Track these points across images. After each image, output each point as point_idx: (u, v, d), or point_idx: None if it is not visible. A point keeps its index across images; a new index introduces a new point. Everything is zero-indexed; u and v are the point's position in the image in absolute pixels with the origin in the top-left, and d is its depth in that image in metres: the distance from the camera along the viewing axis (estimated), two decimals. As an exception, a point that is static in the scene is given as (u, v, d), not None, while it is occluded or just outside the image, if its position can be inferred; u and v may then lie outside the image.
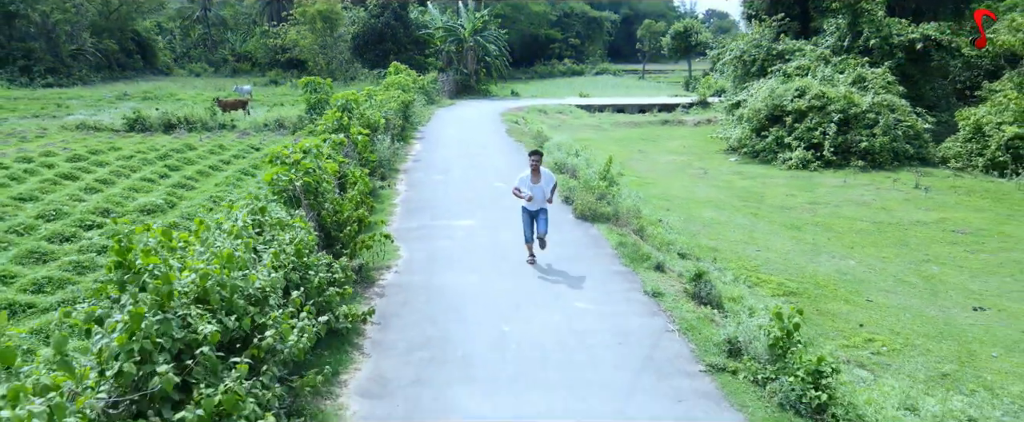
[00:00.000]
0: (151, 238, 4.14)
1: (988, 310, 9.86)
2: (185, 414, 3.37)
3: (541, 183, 8.86)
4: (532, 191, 8.77)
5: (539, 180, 8.86)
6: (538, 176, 8.87)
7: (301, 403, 5.21)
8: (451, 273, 8.72)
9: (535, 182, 8.83)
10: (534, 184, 8.82)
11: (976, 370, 7.87)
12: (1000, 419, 6.35)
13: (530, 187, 8.79)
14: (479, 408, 5.48)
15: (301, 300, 5.29)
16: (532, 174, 8.86)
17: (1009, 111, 19.66)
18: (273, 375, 4.38)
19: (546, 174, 8.97)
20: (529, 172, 8.90)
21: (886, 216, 15.40)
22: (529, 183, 8.81)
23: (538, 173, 8.88)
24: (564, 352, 6.54)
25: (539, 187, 8.84)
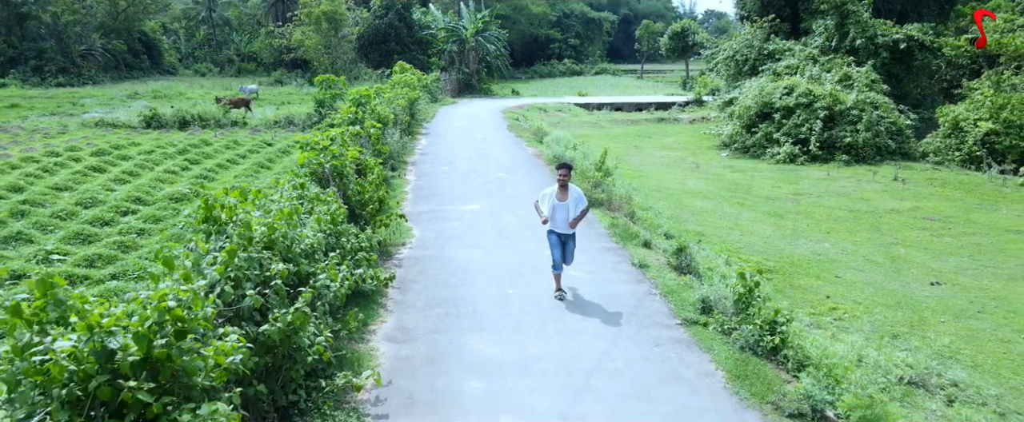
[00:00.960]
0: (232, 198, 5.19)
1: (944, 285, 10.90)
2: (267, 327, 4.43)
3: (568, 202, 7.57)
4: (553, 211, 7.56)
5: (566, 198, 7.59)
6: (566, 193, 7.60)
7: (341, 345, 6.28)
8: (460, 248, 9.78)
9: (561, 199, 7.58)
10: (559, 202, 7.56)
11: (923, 332, 8.91)
12: (928, 361, 7.39)
13: (553, 206, 7.56)
14: (488, 350, 6.54)
15: (338, 259, 6.34)
16: (559, 190, 7.64)
17: (985, 108, 20.71)
18: (324, 310, 5.43)
19: (576, 193, 7.66)
20: (555, 187, 7.68)
21: (863, 205, 16.45)
22: (554, 200, 7.57)
23: (566, 190, 7.61)
24: (559, 309, 7.60)
25: (564, 206, 7.54)
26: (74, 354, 2.97)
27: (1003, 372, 7.79)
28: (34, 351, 2.99)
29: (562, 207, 7.57)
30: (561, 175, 7.70)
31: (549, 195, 7.70)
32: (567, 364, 6.27)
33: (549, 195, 7.70)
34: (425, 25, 47.22)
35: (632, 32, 78.46)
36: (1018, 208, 15.84)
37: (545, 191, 7.85)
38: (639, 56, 74.40)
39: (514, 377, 5.99)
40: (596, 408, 5.49)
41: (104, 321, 3.02)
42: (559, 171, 7.77)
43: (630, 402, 5.60)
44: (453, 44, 43.99)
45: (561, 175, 7.70)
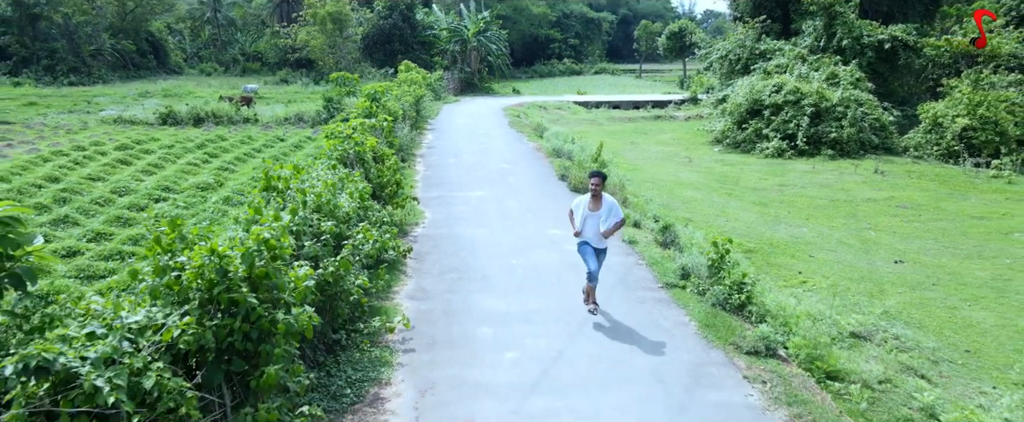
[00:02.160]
0: (286, 170, 6.30)
1: (906, 263, 12.01)
2: (321, 271, 5.54)
3: (600, 212, 7.14)
4: (585, 222, 7.16)
5: (599, 207, 7.16)
6: (598, 203, 7.18)
7: (371, 300, 7.39)
8: (468, 228, 10.90)
9: (593, 209, 7.17)
10: (591, 212, 7.16)
11: (881, 300, 10.02)
12: (878, 320, 8.50)
13: (584, 217, 7.15)
14: (495, 305, 7.65)
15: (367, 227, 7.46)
16: (591, 200, 7.21)
17: (962, 105, 21.81)
18: (360, 265, 6.54)
19: (610, 203, 7.20)
20: (587, 197, 7.25)
21: (843, 195, 17.56)
22: (586, 210, 7.17)
23: (599, 200, 7.19)
24: (556, 276, 8.71)
25: (596, 217, 7.14)
26: (201, 270, 4.08)
27: (945, 331, 8.90)
28: (169, 267, 4.11)
29: (594, 218, 7.14)
30: (593, 184, 7.17)
31: (581, 205, 7.23)
32: (563, 316, 7.39)
33: (581, 205, 7.23)
34: (428, 25, 48.33)
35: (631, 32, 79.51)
36: (986, 197, 16.95)
37: (577, 201, 7.38)
38: (638, 56, 75.46)
39: (518, 325, 7.11)
40: (587, 346, 6.61)
41: (221, 247, 4.13)
42: (591, 180, 7.21)
43: (615, 342, 6.71)
44: (455, 44, 45.12)
45: (593, 184, 7.17)
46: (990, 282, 10.94)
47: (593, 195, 7.23)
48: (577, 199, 7.46)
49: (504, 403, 5.57)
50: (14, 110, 30.44)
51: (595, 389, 5.83)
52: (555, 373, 6.10)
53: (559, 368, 6.21)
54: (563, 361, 6.35)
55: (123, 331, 3.66)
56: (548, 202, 11.85)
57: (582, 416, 5.39)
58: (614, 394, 5.74)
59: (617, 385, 5.88)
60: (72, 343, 3.62)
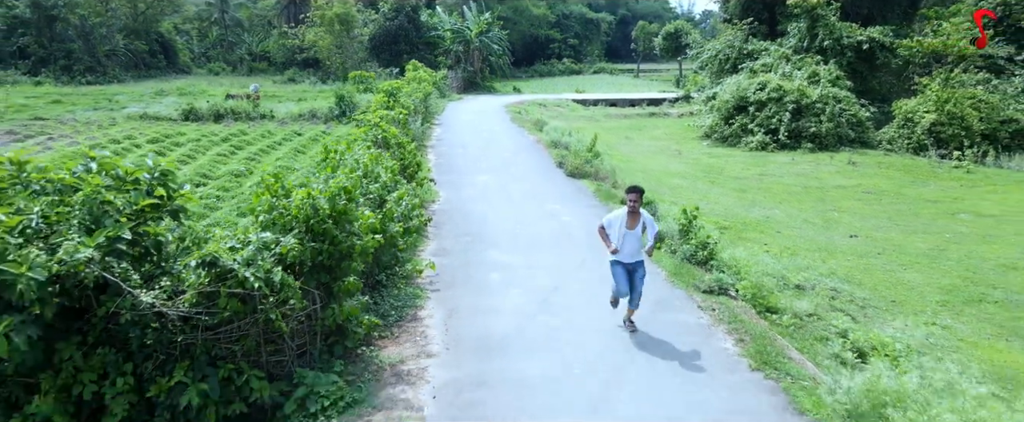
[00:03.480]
0: (341, 145, 8.01)
1: (859, 237, 13.73)
2: (372, 220, 7.25)
3: (637, 230, 6.83)
4: (622, 240, 6.77)
5: (636, 225, 6.82)
6: (636, 219, 6.83)
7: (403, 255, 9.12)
8: (477, 204, 12.63)
9: (631, 227, 6.80)
10: (629, 230, 6.79)
11: (830, 266, 11.73)
12: (821, 277, 10.23)
13: (622, 233, 6.77)
14: (502, 259, 9.38)
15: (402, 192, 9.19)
16: (628, 217, 6.83)
17: (931, 101, 23.52)
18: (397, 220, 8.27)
19: (647, 218, 6.93)
20: (623, 213, 6.87)
21: (815, 182, 19.29)
22: (623, 227, 6.79)
23: (637, 216, 6.84)
24: (554, 239, 10.44)
25: (634, 234, 6.80)
26: (301, 207, 5.80)
27: (879, 287, 10.60)
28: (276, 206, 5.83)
29: (633, 236, 6.80)
30: (631, 200, 6.79)
31: (618, 222, 6.84)
32: (558, 265, 9.13)
33: (618, 222, 6.84)
34: (432, 27, 50.04)
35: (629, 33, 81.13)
36: (944, 184, 18.67)
37: (610, 216, 7.04)
38: (635, 56, 77.15)
39: (521, 271, 8.84)
40: (575, 285, 8.35)
41: (313, 190, 5.85)
42: (629, 196, 6.83)
43: (598, 285, 8.43)
44: (458, 44, 46.87)
45: (631, 200, 6.79)
46: (928, 252, 12.66)
47: (630, 212, 6.79)
48: (608, 215, 7.07)
49: (512, 320, 7.30)
50: (43, 107, 32.14)
51: (583, 311, 7.56)
52: (551, 301, 7.84)
53: (555, 299, 7.94)
54: (557, 294, 8.08)
55: (257, 244, 5.40)
56: (547, 185, 13.60)
57: (575, 326, 7.11)
58: (599, 316, 7.47)
59: (599, 308, 7.61)
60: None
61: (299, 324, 5.81)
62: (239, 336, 5.52)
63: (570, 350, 6.65)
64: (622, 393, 5.87)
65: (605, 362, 6.42)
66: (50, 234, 5.18)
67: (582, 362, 6.41)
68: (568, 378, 6.11)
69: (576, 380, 6.07)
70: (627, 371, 6.25)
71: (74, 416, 5.20)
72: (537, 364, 6.33)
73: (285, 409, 5.54)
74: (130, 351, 5.30)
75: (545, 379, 6.06)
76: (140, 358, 5.33)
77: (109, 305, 5.13)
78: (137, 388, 5.28)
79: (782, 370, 6.29)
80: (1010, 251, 12.49)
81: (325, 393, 5.58)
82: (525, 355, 6.52)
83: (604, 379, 6.10)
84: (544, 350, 6.63)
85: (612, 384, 6.02)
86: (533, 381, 6.02)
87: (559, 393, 5.82)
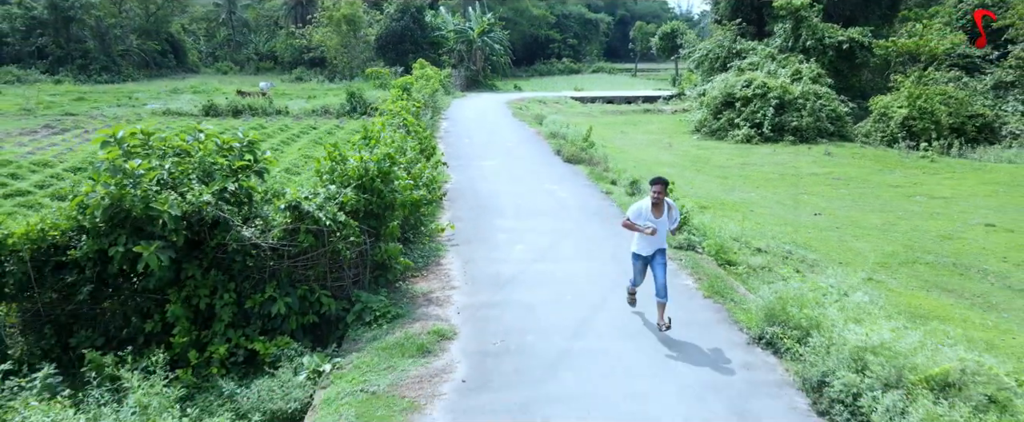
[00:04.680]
0: (377, 125, 9.78)
1: (822, 215, 15.50)
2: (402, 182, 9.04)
3: (663, 218, 6.96)
4: (655, 223, 6.88)
5: (662, 214, 6.95)
6: (661, 210, 6.93)
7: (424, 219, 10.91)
8: (484, 184, 14.41)
9: (656, 216, 6.92)
10: (655, 219, 6.90)
11: (791, 237, 13.50)
12: (779, 243, 12.01)
13: (652, 220, 6.89)
14: (508, 225, 11.17)
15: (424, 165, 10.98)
16: (653, 208, 6.90)
17: (904, 97, 25.29)
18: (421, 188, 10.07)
19: (670, 204, 7.09)
20: (647, 204, 6.95)
21: (792, 171, 21.06)
22: (649, 217, 6.90)
23: (661, 207, 6.93)
24: (551, 210, 12.23)
25: (662, 222, 6.94)
26: (356, 168, 7.58)
27: (830, 253, 12.37)
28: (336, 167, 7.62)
29: (661, 223, 6.94)
30: (655, 193, 6.86)
31: (641, 211, 6.97)
32: (556, 229, 10.92)
33: (641, 211, 6.97)
34: (436, 27, 51.81)
35: (628, 33, 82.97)
36: (908, 172, 20.44)
37: (634, 207, 7.13)
38: (633, 55, 78.94)
39: (523, 233, 10.63)
40: (568, 243, 10.14)
41: (365, 156, 7.63)
42: (653, 188, 6.89)
43: (589, 242, 10.23)
44: (461, 44, 48.65)
45: (655, 193, 6.86)
46: (880, 226, 14.43)
47: (654, 204, 6.87)
48: (633, 206, 7.17)
49: (516, 266, 9.07)
50: (69, 104, 33.93)
51: (575, 261, 9.35)
52: (548, 254, 9.61)
53: (550, 253, 9.72)
54: (553, 250, 9.87)
55: (326, 194, 7.20)
56: (545, 169, 15.39)
57: (569, 272, 8.91)
58: (584, 263, 9.26)
59: (586, 259, 9.39)
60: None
61: (354, 258, 7.60)
62: (312, 264, 7.32)
63: (562, 286, 8.42)
64: (602, 315, 7.64)
65: (590, 294, 8.19)
66: (176, 185, 6.98)
67: (571, 294, 8.18)
68: (560, 304, 7.88)
69: (566, 305, 7.85)
70: (608, 300, 8.02)
71: (193, 321, 6.99)
72: (536, 295, 8.11)
73: (347, 319, 7.33)
74: (232, 274, 7.09)
75: (542, 304, 7.83)
76: (240, 279, 7.12)
77: (220, 238, 6.92)
78: (237, 301, 7.07)
79: (728, 298, 8.07)
80: (950, 225, 14.27)
81: (376, 309, 7.36)
82: (526, 289, 8.30)
83: (589, 304, 7.88)
84: (541, 286, 8.41)
85: (595, 308, 7.79)
86: (532, 305, 7.80)
87: (553, 314, 7.59)
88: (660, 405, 5.67)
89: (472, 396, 5.77)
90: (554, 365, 6.32)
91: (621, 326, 7.30)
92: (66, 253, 6.71)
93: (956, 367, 4.88)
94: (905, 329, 5.70)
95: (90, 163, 17.90)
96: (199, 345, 6.92)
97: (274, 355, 6.76)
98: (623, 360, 6.47)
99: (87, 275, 6.76)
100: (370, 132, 9.48)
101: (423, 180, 10.01)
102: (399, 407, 5.55)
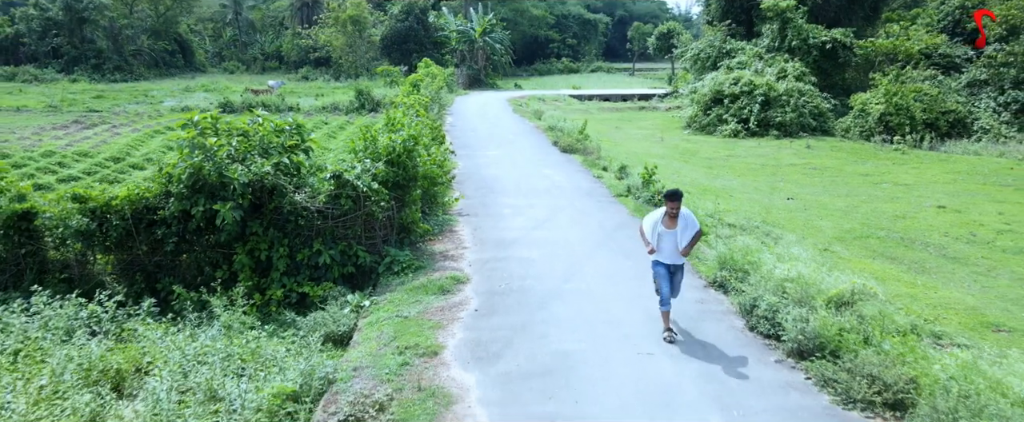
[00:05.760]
0: (398, 114, 11.40)
1: (794, 200, 17.12)
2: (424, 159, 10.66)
3: (676, 229, 6.77)
4: (659, 240, 6.79)
5: (674, 225, 6.77)
6: (675, 221, 6.78)
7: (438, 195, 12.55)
8: (489, 169, 16.05)
9: (669, 227, 6.79)
10: (666, 229, 6.79)
11: (762, 216, 15.10)
12: (750, 221, 13.63)
13: (658, 234, 6.79)
14: (510, 202, 12.81)
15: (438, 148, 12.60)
16: (667, 218, 6.82)
17: (881, 94, 26.91)
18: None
19: (688, 219, 6.86)
20: (662, 214, 6.87)
21: (773, 162, 22.68)
22: (661, 227, 6.80)
23: (675, 220, 6.78)
24: (547, 191, 13.87)
25: (672, 234, 6.77)
26: (387, 146, 9.20)
27: (796, 229, 13.95)
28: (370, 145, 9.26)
29: (670, 235, 6.77)
30: (670, 207, 6.75)
31: (655, 221, 6.88)
32: (552, 205, 12.55)
33: (655, 221, 6.88)
34: (439, 27, 53.44)
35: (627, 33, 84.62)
36: (880, 163, 22.06)
37: (650, 216, 7.07)
38: (631, 55, 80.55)
39: (523, 208, 12.27)
40: (561, 216, 11.78)
41: (393, 137, 9.26)
42: (667, 203, 6.78)
43: (580, 215, 11.85)
44: (464, 44, 50.29)
45: (670, 207, 6.75)
46: (844, 208, 16.05)
47: (670, 217, 6.77)
48: (649, 216, 7.14)
49: (518, 233, 10.71)
50: (91, 101, 35.58)
51: (567, 228, 10.98)
52: (544, 224, 11.25)
53: (546, 223, 11.35)
54: (548, 221, 11.50)
55: (362, 166, 8.84)
56: (543, 157, 17.03)
57: (562, 236, 10.54)
58: (577, 230, 10.90)
59: (577, 227, 11.03)
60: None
61: (384, 220, 9.23)
62: (350, 224, 8.95)
63: (555, 247, 10.05)
64: (588, 266, 9.26)
65: (578, 252, 9.82)
66: (241, 159, 8.61)
67: (563, 252, 9.81)
68: (553, 258, 9.51)
69: (559, 259, 9.48)
70: (593, 255, 9.65)
71: (254, 269, 8.62)
72: (534, 252, 9.74)
73: (379, 269, 8.96)
74: (286, 231, 8.71)
75: (539, 259, 9.46)
76: (292, 236, 8.74)
77: (277, 202, 8.55)
78: (290, 254, 8.69)
79: (693, 256, 9.69)
80: (906, 207, 15.89)
81: (403, 261, 8.99)
82: (526, 248, 9.93)
83: (577, 259, 9.50)
84: (538, 246, 10.04)
85: (582, 261, 9.42)
86: (531, 260, 9.42)
87: (547, 265, 9.21)
88: (630, 326, 7.29)
89: (483, 319, 7.40)
90: (547, 299, 7.95)
91: (602, 274, 8.93)
92: (156, 213, 8.34)
93: (847, 289, 6.51)
94: (819, 267, 7.32)
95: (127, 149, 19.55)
96: (260, 289, 8.55)
97: (321, 297, 8.39)
98: (603, 297, 8.09)
99: (173, 231, 8.39)
100: (392, 119, 11.10)
101: (438, 160, 11.62)
102: (427, 326, 7.18)
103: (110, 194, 8.22)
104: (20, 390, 5.85)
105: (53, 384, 5.97)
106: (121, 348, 6.73)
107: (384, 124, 11.18)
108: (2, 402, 5.64)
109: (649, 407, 5.61)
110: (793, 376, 6.15)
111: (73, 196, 8.16)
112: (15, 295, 7.77)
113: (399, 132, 9.87)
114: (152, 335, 6.91)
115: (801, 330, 6.31)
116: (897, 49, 28.09)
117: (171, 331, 7.04)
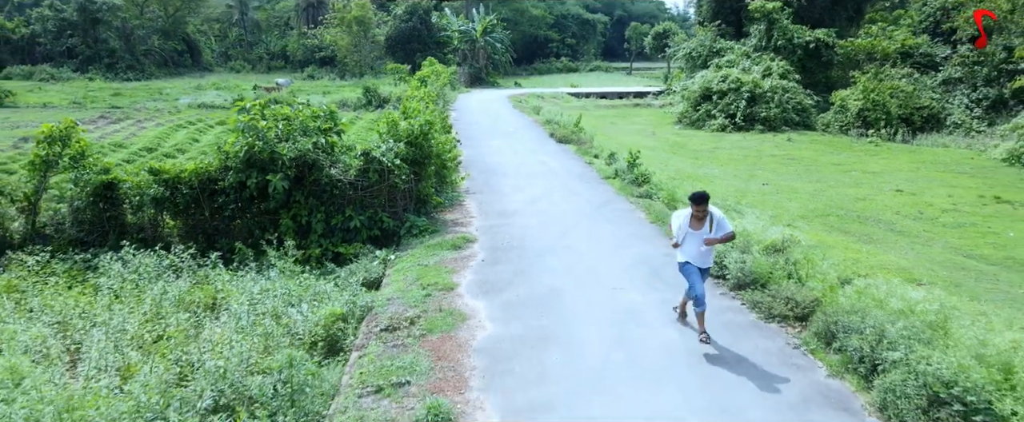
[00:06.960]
0: (414, 104, 13.09)
1: (769, 185, 18.81)
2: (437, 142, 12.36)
3: (703, 230, 6.60)
4: (684, 241, 6.71)
5: (701, 227, 6.61)
6: (702, 223, 6.62)
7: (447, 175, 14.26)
8: (491, 157, 17.76)
9: (695, 228, 6.64)
10: (693, 230, 6.64)
11: (736, 198, 16.77)
12: (725, 202, 15.33)
13: (685, 233, 6.69)
14: (511, 182, 14.52)
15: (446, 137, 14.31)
16: (693, 220, 6.66)
17: (859, 91, 28.60)
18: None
19: (721, 222, 6.68)
20: (689, 214, 6.72)
21: (755, 153, 24.38)
22: (687, 227, 6.68)
23: (701, 223, 6.62)
24: (545, 173, 15.59)
25: (698, 235, 6.62)
26: (407, 129, 10.91)
27: (766, 208, 15.64)
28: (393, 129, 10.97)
29: (695, 236, 6.61)
30: (696, 211, 6.59)
31: (683, 222, 6.74)
32: (547, 185, 14.27)
33: (683, 222, 6.74)
34: (442, 27, 55.15)
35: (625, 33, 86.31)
36: (854, 154, 23.75)
37: (681, 213, 6.93)
38: (628, 54, 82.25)
39: (523, 188, 13.99)
40: (556, 194, 13.51)
41: (412, 123, 10.95)
42: (692, 206, 6.62)
43: (572, 193, 13.55)
44: (465, 44, 52.00)
45: (696, 211, 6.59)
46: (811, 192, 17.74)
47: (696, 218, 6.62)
48: (679, 211, 7.12)
49: (518, 206, 12.42)
50: (110, 99, 37.28)
51: (560, 203, 12.70)
52: (540, 200, 12.96)
53: (541, 199, 13.06)
54: (543, 198, 13.22)
55: (386, 145, 10.55)
56: (540, 146, 18.77)
57: (555, 209, 12.25)
58: (569, 204, 12.61)
59: (569, 202, 12.74)
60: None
61: (405, 191, 10.93)
62: (376, 195, 10.65)
63: (550, 217, 11.75)
64: (576, 230, 10.96)
65: (568, 221, 11.52)
66: (286, 138, 10.31)
67: (557, 221, 11.51)
68: (549, 224, 11.21)
69: (553, 225, 11.18)
70: (580, 223, 11.36)
71: (296, 232, 10.32)
72: (531, 220, 11.45)
73: (401, 232, 10.67)
74: (323, 200, 10.41)
75: (536, 225, 11.16)
76: (328, 204, 10.44)
77: (316, 175, 10.25)
78: (326, 219, 10.38)
79: (667, 223, 11.39)
80: (868, 191, 17.59)
81: (421, 226, 10.69)
82: (525, 217, 11.64)
83: (567, 225, 11.21)
84: (535, 216, 11.75)
85: (571, 227, 11.12)
86: (529, 225, 11.13)
87: (543, 230, 10.91)
88: (608, 273, 8.99)
89: (489, 267, 9.11)
90: (542, 253, 9.66)
91: (588, 237, 10.63)
92: (217, 184, 10.04)
93: (779, 238, 8.21)
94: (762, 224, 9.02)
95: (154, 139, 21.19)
96: (301, 248, 10.24)
97: (353, 255, 10.09)
98: (588, 253, 9.80)
99: (230, 198, 10.09)
100: (408, 109, 12.81)
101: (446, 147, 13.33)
102: (444, 271, 8.88)
103: (180, 167, 9.92)
104: (130, 313, 7.55)
105: (154, 309, 7.67)
106: (200, 288, 8.44)
107: (402, 112, 12.87)
108: (120, 323, 7.31)
109: (618, 323, 7.31)
110: (732, 303, 7.86)
111: (150, 170, 9.86)
112: (104, 250, 9.48)
113: (416, 118, 11.57)
114: (222, 279, 8.61)
115: (740, 268, 8.01)
116: (875, 48, 29.75)
117: (238, 274, 8.74)
